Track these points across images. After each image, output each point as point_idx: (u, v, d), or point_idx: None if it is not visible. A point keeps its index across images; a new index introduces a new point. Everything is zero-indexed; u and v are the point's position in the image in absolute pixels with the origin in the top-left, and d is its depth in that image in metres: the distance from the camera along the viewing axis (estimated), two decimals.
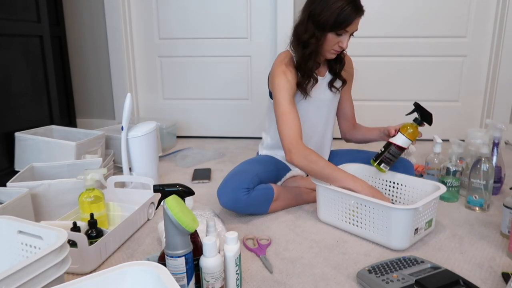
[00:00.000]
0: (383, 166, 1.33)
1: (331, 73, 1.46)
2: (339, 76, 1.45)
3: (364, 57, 2.32)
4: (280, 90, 1.33)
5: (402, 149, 1.31)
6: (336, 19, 1.23)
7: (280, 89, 1.33)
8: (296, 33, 1.34)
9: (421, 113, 1.30)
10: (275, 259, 1.10)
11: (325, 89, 1.46)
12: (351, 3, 1.23)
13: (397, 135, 1.31)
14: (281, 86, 1.33)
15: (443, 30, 2.25)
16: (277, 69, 1.36)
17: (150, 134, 1.55)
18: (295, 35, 1.34)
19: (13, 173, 1.44)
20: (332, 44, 1.30)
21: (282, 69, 1.35)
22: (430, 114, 1.29)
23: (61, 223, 1.14)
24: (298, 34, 1.32)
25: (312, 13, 1.27)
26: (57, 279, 0.81)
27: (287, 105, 1.32)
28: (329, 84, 1.45)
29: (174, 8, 2.38)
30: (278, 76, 1.34)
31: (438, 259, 1.09)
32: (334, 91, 1.47)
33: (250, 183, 1.31)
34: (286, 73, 1.34)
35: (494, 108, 2.28)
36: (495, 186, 1.50)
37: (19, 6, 1.66)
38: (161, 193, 0.93)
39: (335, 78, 1.45)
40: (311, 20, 1.28)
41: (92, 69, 2.49)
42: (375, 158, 1.34)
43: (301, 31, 1.31)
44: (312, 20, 1.28)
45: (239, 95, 2.48)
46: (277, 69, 1.36)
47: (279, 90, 1.33)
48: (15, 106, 1.65)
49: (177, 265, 0.84)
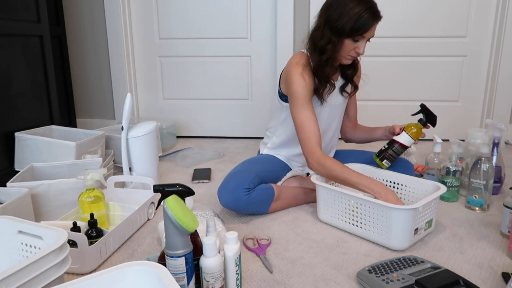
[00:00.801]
0: (385, 162, 1.38)
1: (343, 78, 1.44)
2: (351, 81, 1.44)
3: (364, 57, 2.30)
4: (298, 97, 1.31)
5: (405, 147, 1.35)
6: (353, 25, 1.21)
7: (299, 96, 1.31)
8: (312, 38, 1.32)
9: (426, 115, 1.34)
10: (275, 259, 1.10)
11: (337, 94, 1.44)
12: (369, 9, 1.21)
13: (401, 134, 1.36)
14: (299, 92, 1.31)
15: (443, 30, 2.25)
16: (294, 71, 1.32)
17: (150, 134, 1.55)
18: (312, 40, 1.32)
19: (13, 173, 1.44)
20: (349, 50, 1.29)
21: (299, 71, 1.31)
22: (435, 116, 1.33)
23: (61, 223, 1.14)
24: (315, 40, 1.30)
25: (329, 19, 1.25)
26: (57, 279, 0.81)
27: (306, 113, 1.31)
28: (340, 89, 1.44)
29: (174, 8, 2.38)
30: (295, 80, 1.31)
31: (438, 259, 1.09)
32: (345, 96, 1.46)
33: (251, 183, 1.31)
34: (304, 76, 1.31)
35: (494, 108, 2.28)
36: (495, 186, 1.50)
37: (19, 6, 1.66)
38: (161, 193, 0.93)
39: (347, 83, 1.44)
40: (328, 26, 1.26)
41: (92, 69, 2.49)
42: (378, 154, 1.40)
43: (318, 37, 1.29)
44: (329, 26, 1.25)
45: (239, 95, 2.48)
46: (294, 72, 1.32)
47: (297, 98, 1.31)
48: (15, 106, 1.65)
49: (177, 265, 0.84)
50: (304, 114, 1.31)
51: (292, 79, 1.32)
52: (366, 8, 1.21)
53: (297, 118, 1.33)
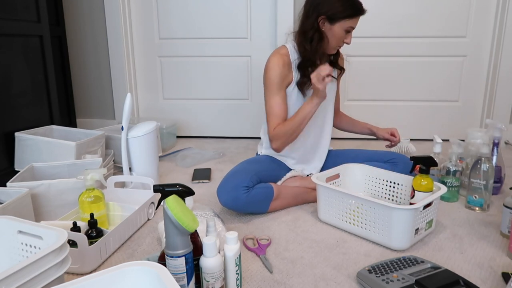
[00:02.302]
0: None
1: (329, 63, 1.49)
2: (336, 64, 1.50)
3: (364, 57, 2.33)
4: (271, 83, 1.40)
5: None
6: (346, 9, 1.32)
7: (271, 83, 1.39)
8: (303, 29, 1.39)
9: (423, 162, 1.23)
10: (275, 259, 1.10)
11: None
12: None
13: (415, 196, 1.22)
14: (272, 79, 1.39)
15: (443, 30, 2.25)
16: (271, 59, 1.40)
17: (150, 134, 1.55)
18: (302, 31, 1.39)
19: (13, 173, 1.43)
20: (340, 40, 1.37)
21: (276, 60, 1.39)
22: (430, 157, 1.23)
23: (61, 223, 1.14)
24: (305, 30, 1.38)
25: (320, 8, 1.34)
26: (57, 279, 0.81)
27: (277, 99, 1.39)
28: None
29: (174, 8, 2.38)
30: (271, 67, 1.39)
31: (438, 259, 1.09)
32: (333, 80, 1.51)
33: (250, 182, 1.31)
34: (279, 64, 1.38)
35: (494, 108, 2.28)
36: (495, 186, 1.50)
37: (19, 6, 1.66)
38: (161, 193, 0.93)
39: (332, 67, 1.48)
40: (319, 14, 1.34)
41: (92, 69, 2.49)
42: None
43: (308, 27, 1.36)
44: (322, 15, 1.34)
45: (239, 95, 2.47)
46: (271, 59, 1.40)
47: (270, 84, 1.40)
48: (15, 106, 1.65)
49: (177, 265, 0.84)
50: (274, 101, 1.40)
51: (268, 66, 1.40)
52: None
53: (267, 103, 1.42)
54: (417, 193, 1.22)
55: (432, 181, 1.22)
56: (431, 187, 1.21)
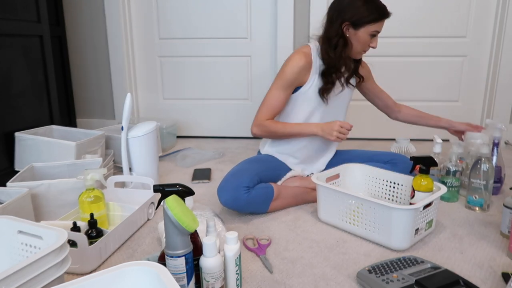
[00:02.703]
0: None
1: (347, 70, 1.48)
2: (357, 73, 1.50)
3: (364, 57, 2.31)
4: (283, 77, 1.39)
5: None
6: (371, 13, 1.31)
7: (284, 77, 1.39)
8: (326, 36, 1.37)
9: (422, 162, 1.24)
10: (275, 259, 1.10)
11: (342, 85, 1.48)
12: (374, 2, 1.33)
13: (415, 196, 1.23)
14: (287, 73, 1.38)
15: (443, 30, 2.25)
16: (295, 56, 1.39)
17: (150, 134, 1.55)
18: (326, 38, 1.37)
19: (13, 173, 1.43)
20: (365, 45, 1.37)
21: (299, 59, 1.37)
22: (430, 157, 1.23)
23: (61, 223, 1.14)
24: (329, 37, 1.36)
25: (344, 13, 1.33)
26: (57, 279, 0.81)
27: (278, 93, 1.40)
28: (345, 80, 1.47)
29: (174, 8, 2.38)
30: (291, 64, 1.38)
31: (438, 259, 1.09)
32: (351, 87, 1.51)
33: (250, 182, 1.31)
34: (300, 65, 1.37)
35: (494, 108, 2.28)
36: (495, 186, 1.50)
37: (19, 6, 1.66)
38: (161, 193, 0.93)
39: (351, 75, 1.49)
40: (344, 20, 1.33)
41: (92, 69, 2.49)
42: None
43: (333, 34, 1.35)
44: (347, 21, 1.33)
45: (239, 95, 2.47)
46: (295, 57, 1.39)
47: (282, 78, 1.39)
48: (15, 106, 1.65)
49: (177, 265, 0.84)
50: (276, 93, 1.41)
51: (289, 61, 1.40)
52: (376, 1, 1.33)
53: (269, 92, 1.42)
54: (417, 193, 1.22)
55: (432, 181, 1.22)
56: (431, 187, 1.21)
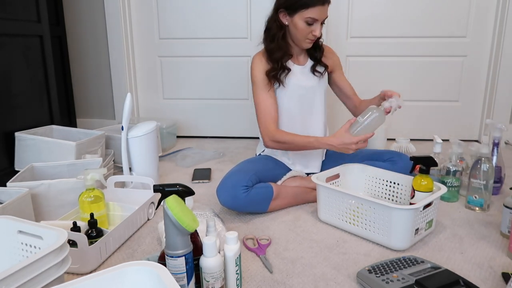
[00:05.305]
0: None
1: (311, 59, 1.52)
2: (320, 61, 1.51)
3: (365, 57, 2.32)
4: (256, 81, 1.45)
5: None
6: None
7: (256, 80, 1.45)
8: (266, 26, 1.45)
9: (422, 162, 1.23)
10: (275, 259, 1.10)
11: (309, 75, 1.50)
12: None
13: (415, 196, 1.22)
14: (256, 76, 1.44)
15: (443, 30, 2.25)
16: (254, 59, 1.47)
17: (150, 134, 1.55)
18: (266, 28, 1.45)
19: (13, 173, 1.43)
20: (305, 33, 1.37)
21: (258, 58, 1.46)
22: (430, 157, 1.22)
23: (61, 223, 1.14)
24: (268, 26, 1.44)
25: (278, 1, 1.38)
26: (57, 279, 0.81)
27: (263, 96, 1.43)
28: (311, 68, 1.50)
29: (174, 8, 2.38)
30: (254, 67, 1.46)
31: (438, 259, 1.09)
32: (318, 75, 1.51)
33: (249, 181, 1.31)
34: (261, 62, 1.44)
35: (494, 108, 2.28)
36: (495, 186, 1.50)
37: (19, 6, 1.66)
38: (161, 193, 0.93)
39: (316, 64, 1.51)
40: (276, 7, 1.39)
41: (92, 69, 2.49)
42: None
43: (270, 22, 1.42)
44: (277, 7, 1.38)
45: (239, 95, 2.47)
46: (254, 60, 1.47)
47: (255, 82, 1.45)
48: (15, 106, 1.65)
49: (177, 265, 0.84)
50: (261, 97, 1.44)
51: (252, 66, 1.47)
52: None
53: (255, 100, 1.46)
54: (417, 193, 1.22)
55: (432, 181, 1.22)
56: (431, 187, 1.21)
